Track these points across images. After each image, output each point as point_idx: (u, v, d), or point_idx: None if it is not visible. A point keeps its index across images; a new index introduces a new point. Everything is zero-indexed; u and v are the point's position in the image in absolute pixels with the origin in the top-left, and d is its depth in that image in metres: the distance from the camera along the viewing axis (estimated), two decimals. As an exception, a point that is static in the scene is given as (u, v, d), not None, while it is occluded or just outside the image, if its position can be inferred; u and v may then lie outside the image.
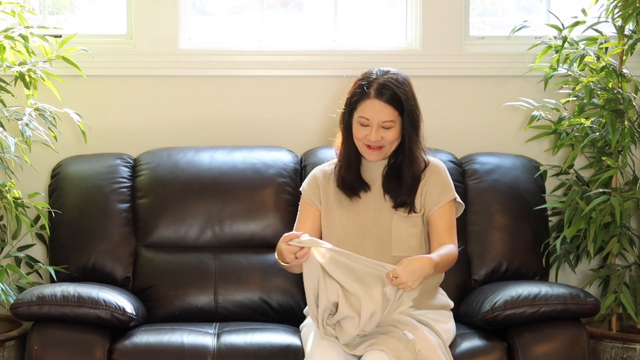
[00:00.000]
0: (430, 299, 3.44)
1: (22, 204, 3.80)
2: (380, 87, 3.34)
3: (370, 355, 3.15)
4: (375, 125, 3.34)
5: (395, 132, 3.37)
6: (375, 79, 3.36)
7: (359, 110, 3.36)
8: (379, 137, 3.35)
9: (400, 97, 3.34)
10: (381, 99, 3.33)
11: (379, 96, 3.33)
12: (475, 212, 3.95)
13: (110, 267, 3.86)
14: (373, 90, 3.34)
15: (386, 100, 3.33)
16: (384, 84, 3.35)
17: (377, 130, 3.35)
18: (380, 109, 3.34)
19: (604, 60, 3.99)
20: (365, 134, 3.36)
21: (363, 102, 3.35)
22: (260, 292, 3.83)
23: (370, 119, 3.34)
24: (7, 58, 3.80)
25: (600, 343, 3.88)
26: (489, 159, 4.08)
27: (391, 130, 3.36)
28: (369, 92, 3.35)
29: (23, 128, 3.71)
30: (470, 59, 4.28)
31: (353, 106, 3.38)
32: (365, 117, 3.35)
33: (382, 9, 4.38)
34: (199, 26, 4.31)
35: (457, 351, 3.44)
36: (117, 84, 4.22)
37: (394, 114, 3.35)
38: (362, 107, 3.35)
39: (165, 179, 3.95)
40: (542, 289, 3.52)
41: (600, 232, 3.85)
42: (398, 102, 3.34)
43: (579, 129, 4.00)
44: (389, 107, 3.34)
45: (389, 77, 3.36)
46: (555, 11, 4.19)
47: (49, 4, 4.25)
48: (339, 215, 3.43)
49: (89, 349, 3.42)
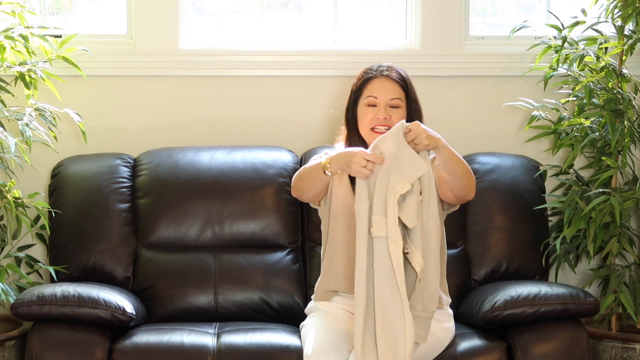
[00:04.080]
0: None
1: (22, 204, 3.80)
2: (386, 69, 3.47)
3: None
4: (383, 103, 3.41)
5: (402, 113, 3.42)
6: (380, 66, 3.48)
7: (366, 91, 3.43)
8: (387, 114, 3.40)
9: (405, 79, 3.45)
10: (389, 76, 3.44)
11: (387, 75, 3.44)
12: (475, 212, 3.95)
13: (110, 267, 3.86)
14: (379, 73, 3.45)
15: (393, 78, 3.44)
16: (390, 67, 3.48)
17: (385, 109, 3.41)
18: (388, 86, 3.42)
19: (603, 60, 3.99)
20: (373, 114, 3.41)
21: (370, 82, 3.44)
22: (260, 292, 3.83)
23: (378, 96, 3.41)
24: (7, 58, 3.80)
25: (600, 343, 3.88)
26: (489, 159, 4.09)
27: (398, 111, 3.42)
28: (375, 74, 3.45)
29: (23, 128, 3.71)
30: (470, 59, 4.28)
31: (359, 92, 3.45)
32: (373, 95, 3.42)
33: (382, 9, 4.38)
34: (199, 26, 4.31)
35: (457, 351, 3.44)
36: (117, 84, 4.22)
37: (401, 93, 3.43)
38: (370, 87, 3.44)
39: (165, 179, 3.95)
40: (541, 289, 3.52)
41: (600, 232, 3.85)
42: (404, 82, 3.45)
43: (578, 129, 4.00)
44: (396, 85, 3.43)
45: (392, 65, 3.50)
46: (555, 11, 4.19)
47: (49, 4, 4.25)
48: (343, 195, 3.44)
49: (89, 349, 3.42)
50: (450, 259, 3.70)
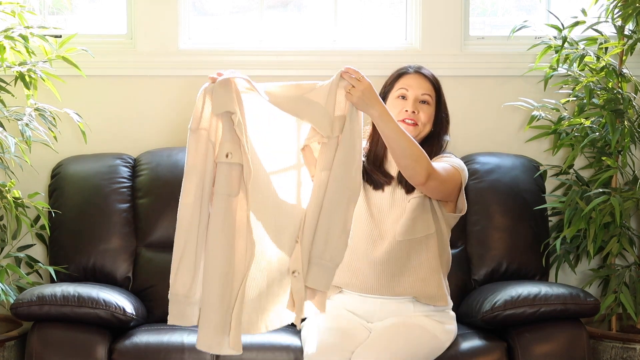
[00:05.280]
0: (426, 288, 3.41)
1: (22, 204, 3.80)
2: (419, 67, 3.50)
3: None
4: (414, 97, 3.42)
5: (430, 112, 3.43)
6: (410, 64, 3.51)
7: (398, 84, 3.46)
8: (415, 109, 3.41)
9: (438, 81, 3.49)
10: (421, 73, 3.47)
11: (419, 71, 3.48)
12: (475, 212, 3.95)
13: (110, 267, 3.86)
14: (413, 70, 3.48)
15: (426, 75, 3.47)
16: (422, 67, 3.51)
17: (414, 103, 3.42)
18: (420, 81, 3.45)
19: (603, 60, 3.99)
20: (402, 106, 3.41)
21: (403, 77, 3.47)
22: (260, 292, 3.82)
23: (409, 89, 3.43)
24: (7, 58, 3.80)
25: (600, 343, 3.88)
26: (489, 159, 4.09)
27: (427, 107, 3.43)
28: (409, 70, 3.48)
29: (23, 128, 3.71)
30: (470, 59, 4.28)
31: (390, 87, 3.47)
32: (405, 87, 3.44)
33: (382, 9, 4.38)
34: (199, 26, 4.31)
35: (457, 351, 3.44)
36: (117, 84, 4.22)
37: (432, 91, 3.46)
38: (402, 81, 3.46)
39: (165, 179, 3.95)
40: (542, 289, 3.52)
41: (600, 232, 3.85)
42: (436, 82, 3.48)
43: (578, 129, 4.00)
44: (428, 83, 3.46)
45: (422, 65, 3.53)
46: (555, 11, 4.19)
47: (49, 4, 4.25)
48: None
49: (89, 349, 3.42)
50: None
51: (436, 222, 3.41)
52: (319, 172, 3.09)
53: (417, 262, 3.39)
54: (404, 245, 3.36)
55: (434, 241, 3.40)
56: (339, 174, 3.07)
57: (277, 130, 3.16)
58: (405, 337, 3.29)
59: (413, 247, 3.38)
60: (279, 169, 3.15)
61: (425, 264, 3.39)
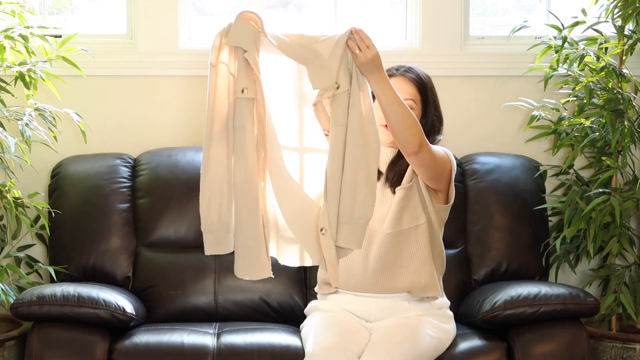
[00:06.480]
0: (419, 279, 3.41)
1: (22, 204, 3.80)
2: (406, 69, 3.49)
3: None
4: None
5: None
6: (401, 66, 3.50)
7: None
8: None
9: (424, 83, 3.46)
10: (405, 76, 3.46)
11: (404, 74, 3.46)
12: (475, 212, 3.95)
13: (110, 267, 3.86)
14: (397, 72, 3.47)
15: (410, 79, 3.45)
16: (410, 67, 3.50)
17: None
18: (403, 85, 3.43)
19: (603, 60, 3.99)
20: None
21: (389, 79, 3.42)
22: (260, 292, 3.83)
23: None
24: (7, 58, 3.80)
25: (600, 343, 3.88)
26: (489, 159, 4.09)
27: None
28: (393, 72, 3.47)
29: (23, 128, 3.71)
30: (470, 59, 4.28)
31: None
32: None
33: (382, 8, 4.38)
34: (199, 26, 4.31)
35: (457, 351, 3.44)
36: (117, 84, 4.22)
37: (416, 95, 3.44)
38: None
39: (165, 179, 3.95)
40: (542, 289, 3.52)
41: (600, 232, 3.85)
42: (422, 85, 3.46)
43: (578, 129, 4.00)
44: (412, 86, 3.44)
45: (414, 66, 3.51)
46: (555, 11, 4.19)
47: (49, 4, 4.25)
48: None
49: (89, 349, 3.42)
50: (450, 259, 3.70)
51: (426, 212, 3.40)
52: (333, 128, 3.11)
53: (408, 254, 3.39)
54: (393, 238, 3.37)
55: (423, 232, 3.40)
56: (355, 129, 3.10)
57: (281, 90, 3.20)
58: (410, 340, 3.28)
59: (403, 238, 3.38)
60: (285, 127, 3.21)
61: (416, 254, 3.39)
